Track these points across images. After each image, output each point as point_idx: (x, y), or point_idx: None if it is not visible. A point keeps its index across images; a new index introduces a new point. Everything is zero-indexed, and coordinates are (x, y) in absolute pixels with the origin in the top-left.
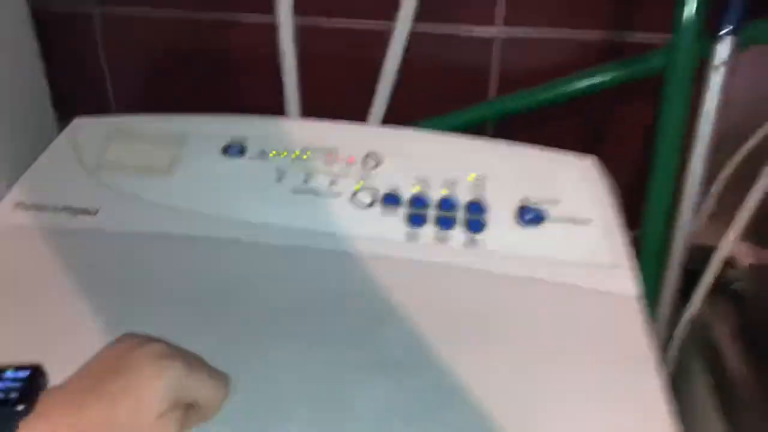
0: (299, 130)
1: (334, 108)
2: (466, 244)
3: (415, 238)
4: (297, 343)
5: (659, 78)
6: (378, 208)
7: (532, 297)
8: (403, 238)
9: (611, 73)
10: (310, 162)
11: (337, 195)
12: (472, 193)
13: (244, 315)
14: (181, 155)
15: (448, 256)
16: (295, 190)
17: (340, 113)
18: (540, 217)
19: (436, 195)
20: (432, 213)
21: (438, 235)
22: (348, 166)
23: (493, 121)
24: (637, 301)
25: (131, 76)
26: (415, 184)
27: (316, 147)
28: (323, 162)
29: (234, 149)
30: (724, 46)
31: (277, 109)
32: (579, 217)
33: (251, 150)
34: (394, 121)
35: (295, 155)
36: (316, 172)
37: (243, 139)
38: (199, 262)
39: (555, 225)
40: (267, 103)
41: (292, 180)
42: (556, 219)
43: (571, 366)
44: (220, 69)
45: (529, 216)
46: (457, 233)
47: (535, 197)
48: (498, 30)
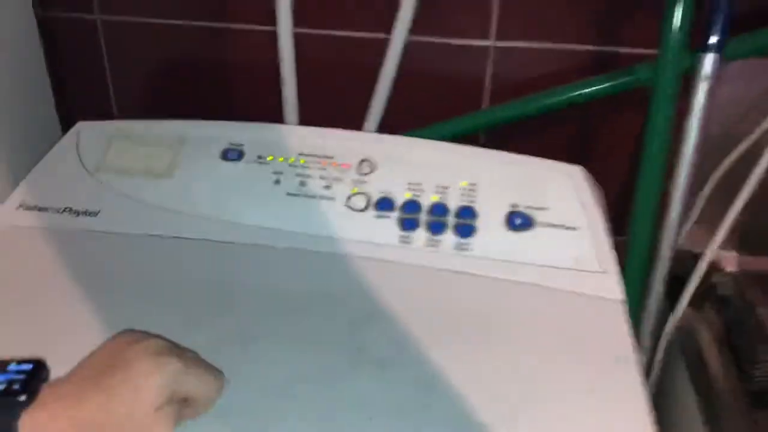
0: (296, 137)
1: (331, 116)
2: (457, 248)
3: (408, 242)
4: (290, 341)
5: (647, 89)
6: (371, 212)
7: (519, 300)
8: (395, 241)
9: (600, 85)
10: (307, 167)
11: (332, 199)
12: (463, 199)
13: (240, 314)
14: (181, 159)
15: (439, 259)
16: (291, 195)
17: (337, 121)
18: (528, 223)
19: (428, 200)
20: (424, 218)
21: (429, 240)
22: (343, 171)
23: (486, 129)
24: (621, 305)
25: (133, 82)
26: (408, 189)
27: (312, 153)
28: (319, 167)
29: (232, 154)
30: (709, 60)
31: (276, 116)
32: (566, 224)
33: (249, 155)
34: (389, 129)
35: (291, 160)
36: (312, 177)
37: (241, 145)
38: (196, 263)
39: (543, 231)
40: (265, 110)
41: (289, 184)
42: (544, 225)
43: (556, 366)
44: (219, 76)
45: (518, 222)
46: (448, 238)
47: (524, 204)
48: (491, 42)
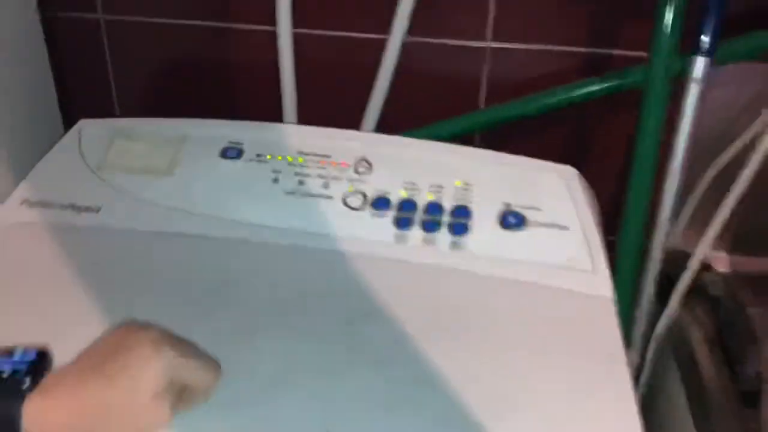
0: (295, 136)
1: (330, 115)
2: (451, 246)
3: (403, 240)
4: (286, 335)
5: (640, 91)
6: (368, 211)
7: (511, 297)
8: (391, 239)
9: (594, 87)
10: (305, 166)
11: (330, 198)
12: (457, 199)
13: (237, 308)
14: (181, 157)
15: (433, 257)
16: (289, 193)
17: (335, 120)
18: (521, 222)
19: (423, 199)
20: (419, 217)
21: (424, 238)
22: (341, 170)
23: (482, 129)
24: (611, 303)
25: (135, 81)
26: (404, 188)
27: (310, 152)
28: (317, 166)
29: (232, 152)
30: (699, 64)
31: (275, 116)
32: (558, 223)
33: (248, 153)
34: (386, 128)
35: (290, 159)
36: (310, 176)
37: (241, 143)
38: (195, 259)
39: (535, 230)
40: (265, 109)
41: (287, 183)
42: (537, 224)
43: (546, 361)
44: (220, 76)
45: (512, 221)
46: (443, 236)
47: (517, 204)
48: (488, 43)
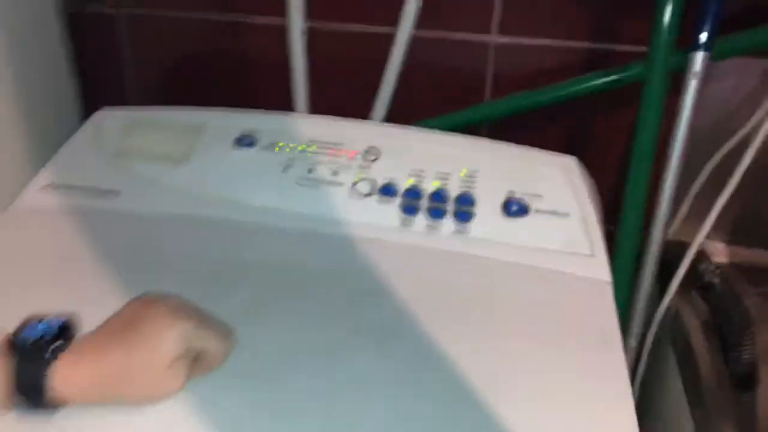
0: (306, 125)
1: (339, 106)
2: (455, 232)
3: (409, 226)
4: (296, 311)
5: (641, 85)
6: (375, 197)
7: (512, 279)
8: (397, 225)
9: (595, 81)
10: (315, 154)
11: (339, 185)
12: (462, 187)
13: (248, 287)
14: (197, 145)
15: (438, 242)
16: (300, 179)
17: (345, 111)
18: (523, 209)
19: (429, 187)
20: (425, 204)
21: (430, 224)
22: (349, 159)
23: (488, 122)
24: (608, 286)
25: (150, 72)
26: (411, 177)
27: (320, 140)
28: (327, 154)
29: (245, 141)
30: (698, 58)
31: (286, 106)
32: (559, 210)
33: (261, 142)
34: (394, 120)
35: (301, 148)
36: (320, 164)
37: (254, 132)
38: (210, 241)
39: (537, 217)
40: (276, 99)
41: (298, 170)
42: (538, 211)
43: (544, 338)
44: (233, 67)
45: (514, 208)
46: (447, 222)
47: (519, 191)
48: (493, 38)
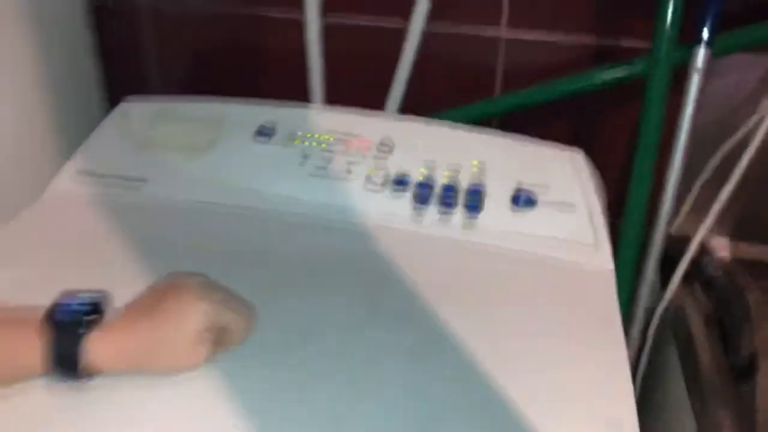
0: (322, 117)
1: (354, 99)
2: (465, 222)
3: (420, 216)
4: (314, 292)
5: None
6: (388, 188)
7: (518, 266)
8: (409, 215)
9: (601, 76)
10: (331, 145)
11: (353, 176)
12: (472, 178)
13: (269, 269)
14: (219, 136)
15: (448, 232)
16: (316, 169)
17: (359, 104)
18: (531, 201)
19: (440, 179)
20: (436, 195)
21: (441, 214)
22: (364, 150)
23: (497, 115)
24: (610, 274)
25: (172, 64)
26: (423, 168)
27: (336, 132)
28: (342, 146)
29: (265, 132)
30: (700, 54)
31: (303, 99)
32: (565, 201)
33: (280, 133)
34: (405, 112)
35: (317, 138)
36: (336, 155)
37: (273, 123)
38: (231, 227)
39: (544, 208)
40: (294, 92)
41: (315, 160)
42: (545, 203)
43: (548, 322)
44: (252, 59)
45: (522, 200)
46: (458, 213)
47: (528, 183)
48: (503, 32)
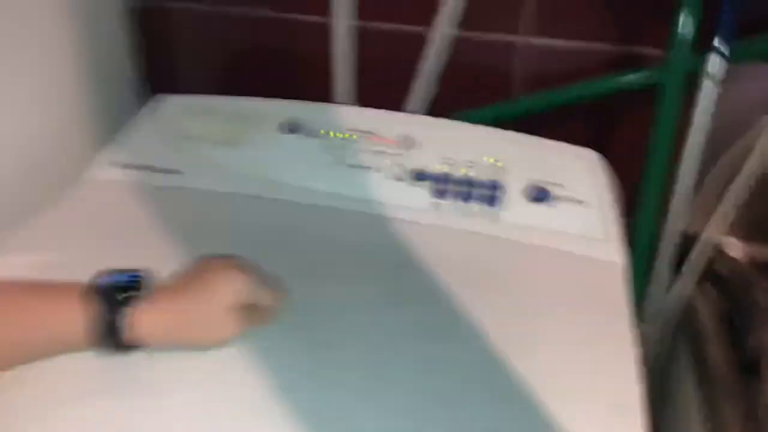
0: (348, 115)
1: (379, 99)
2: (482, 215)
3: (439, 208)
4: (339, 276)
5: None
6: (409, 182)
7: (532, 259)
8: (428, 207)
9: (617, 82)
10: (355, 142)
11: (376, 170)
12: (490, 174)
13: (298, 254)
14: (249, 131)
15: (465, 224)
16: (341, 164)
17: (383, 104)
18: (546, 196)
19: (459, 174)
20: (455, 188)
21: (458, 207)
22: (387, 146)
23: (515, 118)
24: (621, 269)
25: (205, 66)
26: (443, 164)
27: (361, 129)
28: (366, 142)
29: (292, 128)
30: (714, 62)
31: (330, 101)
32: (578, 198)
33: (306, 129)
34: (429, 112)
35: (343, 135)
36: (360, 150)
37: (300, 120)
38: (263, 215)
39: (558, 203)
40: (321, 93)
41: (340, 155)
42: (560, 199)
43: (559, 310)
44: (280, 62)
45: (538, 195)
46: (475, 206)
47: (543, 180)
48: (522, 39)
